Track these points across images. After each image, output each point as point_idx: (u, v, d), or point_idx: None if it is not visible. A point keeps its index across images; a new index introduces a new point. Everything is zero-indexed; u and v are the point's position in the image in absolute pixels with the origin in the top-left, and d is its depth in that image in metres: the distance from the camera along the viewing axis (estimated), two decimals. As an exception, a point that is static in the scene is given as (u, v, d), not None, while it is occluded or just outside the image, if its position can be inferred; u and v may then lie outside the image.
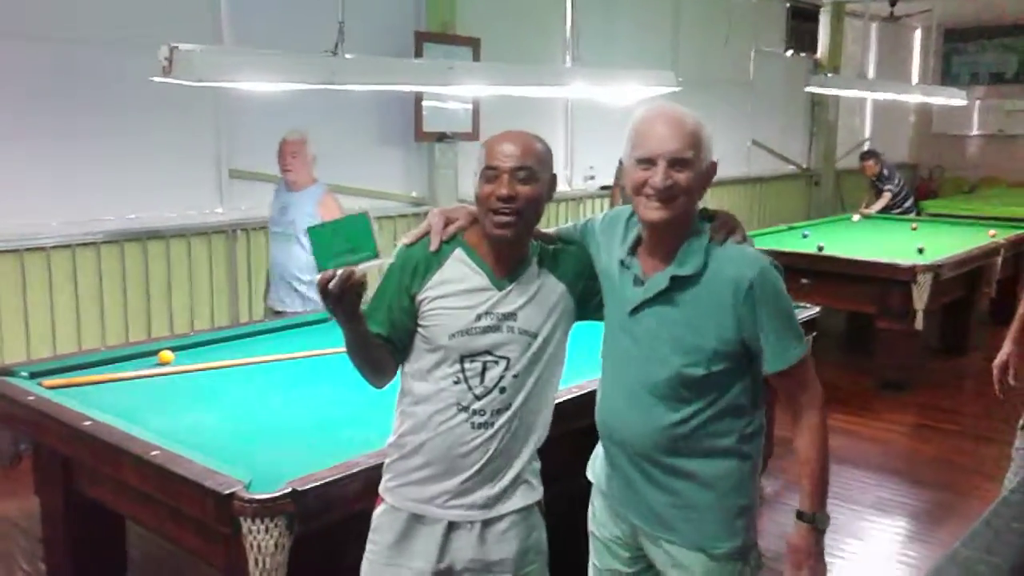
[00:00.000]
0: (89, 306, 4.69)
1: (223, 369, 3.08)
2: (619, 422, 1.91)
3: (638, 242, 1.91)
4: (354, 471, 2.14)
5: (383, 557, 1.94)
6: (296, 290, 4.30)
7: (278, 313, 4.30)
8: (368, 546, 1.98)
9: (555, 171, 1.95)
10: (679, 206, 1.80)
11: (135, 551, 3.29)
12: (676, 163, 1.78)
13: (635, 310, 1.86)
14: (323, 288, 1.70)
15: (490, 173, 1.84)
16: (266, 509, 1.98)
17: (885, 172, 8.18)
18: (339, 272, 1.69)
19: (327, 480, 2.09)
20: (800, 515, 1.85)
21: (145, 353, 3.19)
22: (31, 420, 2.63)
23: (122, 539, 3.04)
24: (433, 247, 1.91)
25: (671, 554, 1.91)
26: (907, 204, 8.30)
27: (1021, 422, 3.06)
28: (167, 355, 3.13)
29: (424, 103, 6.05)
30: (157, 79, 2.50)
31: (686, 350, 1.81)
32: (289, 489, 2.01)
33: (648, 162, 1.79)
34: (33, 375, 2.87)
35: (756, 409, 1.90)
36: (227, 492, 2.01)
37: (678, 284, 1.82)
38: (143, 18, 4.69)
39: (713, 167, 1.86)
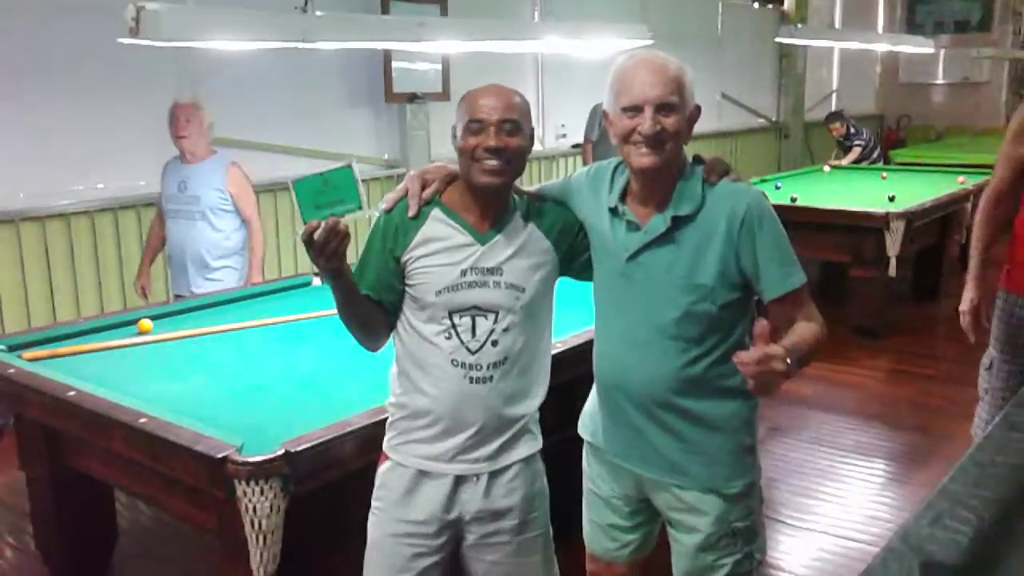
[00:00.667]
0: (61, 278, 4.62)
1: (205, 336, 3.05)
2: (627, 369, 1.91)
3: (626, 191, 1.91)
4: (347, 431, 2.13)
5: (390, 513, 1.95)
6: (206, 276, 3.90)
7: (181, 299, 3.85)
8: (374, 503, 1.98)
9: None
10: (668, 151, 1.81)
11: (124, 520, 3.29)
12: (662, 108, 1.79)
13: (635, 254, 1.87)
14: (308, 239, 1.71)
15: (475, 126, 1.83)
16: (260, 471, 1.96)
17: (852, 130, 8.25)
18: (324, 223, 1.69)
19: (321, 440, 2.08)
20: None
21: (124, 323, 3.15)
22: (12, 393, 2.59)
23: (111, 509, 3.02)
24: (411, 213, 1.90)
25: (683, 499, 1.93)
26: (875, 155, 8.38)
27: (985, 361, 3.12)
28: (146, 324, 3.10)
29: (394, 63, 5.97)
30: (124, 40, 2.44)
31: (692, 287, 1.82)
32: (283, 451, 2.00)
33: (634, 109, 1.80)
34: (11, 348, 2.83)
35: None
36: (220, 456, 2.00)
37: (678, 224, 1.83)
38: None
39: (697, 110, 1.87)
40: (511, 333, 1.90)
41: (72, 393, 2.41)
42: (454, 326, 1.87)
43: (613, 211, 1.91)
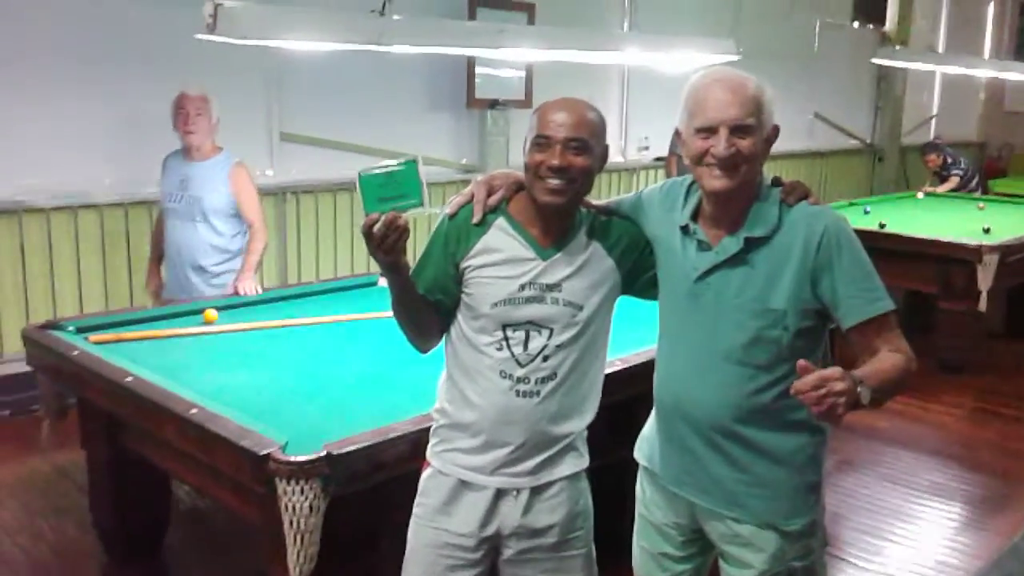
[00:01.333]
0: (119, 265, 4.74)
1: (267, 330, 3.08)
2: (690, 393, 1.84)
3: (698, 210, 1.85)
4: (391, 436, 2.12)
5: (429, 520, 1.92)
6: (208, 282, 3.70)
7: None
8: (415, 509, 1.96)
9: (608, 142, 1.89)
10: (742, 174, 1.73)
11: (182, 505, 3.35)
12: (738, 130, 1.71)
13: (705, 275, 1.80)
14: (367, 231, 1.69)
15: (542, 142, 1.79)
16: (301, 471, 1.96)
17: (949, 160, 7.94)
18: (383, 216, 1.68)
19: (364, 444, 2.07)
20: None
21: (190, 312, 3.21)
22: (75, 374, 2.66)
23: (167, 494, 3.07)
24: (476, 219, 1.87)
25: (738, 532, 1.85)
26: (973, 184, 8.05)
27: None
28: (211, 314, 3.15)
29: (477, 69, 5.98)
30: (201, 36, 2.48)
31: (763, 312, 1.74)
32: (324, 452, 1.99)
33: (708, 131, 1.73)
34: (80, 330, 2.90)
35: None
36: (263, 453, 2.01)
37: (751, 246, 1.76)
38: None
39: (775, 131, 1.78)
40: (564, 350, 1.85)
41: (129, 379, 2.46)
42: (507, 338, 1.84)
43: (684, 229, 1.85)
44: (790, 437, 1.81)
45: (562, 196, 1.79)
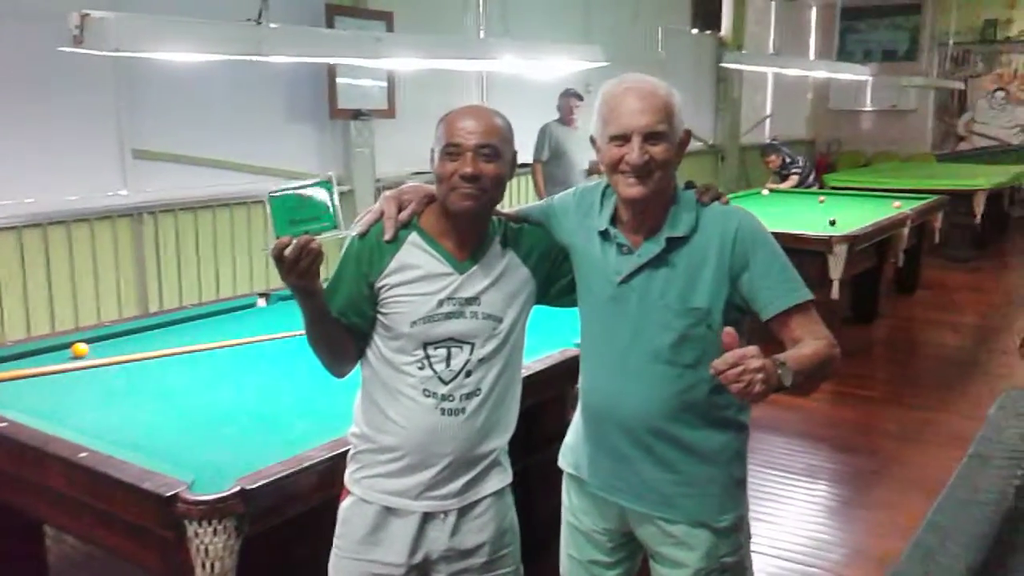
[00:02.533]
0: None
1: (145, 361, 2.89)
2: (618, 397, 1.84)
3: (615, 215, 1.86)
4: (306, 465, 2.01)
5: (352, 552, 1.85)
6: None
7: None
8: (336, 540, 1.88)
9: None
10: (656, 180, 1.76)
11: (53, 556, 3.09)
12: (651, 137, 1.73)
13: (628, 278, 1.81)
14: (278, 255, 1.62)
15: (452, 150, 1.75)
16: (214, 510, 1.83)
17: (787, 159, 8.40)
18: (295, 240, 1.62)
19: (278, 476, 1.95)
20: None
21: (56, 347, 2.97)
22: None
23: (41, 545, 2.83)
24: (387, 236, 1.81)
25: (670, 533, 1.87)
26: (811, 180, 8.54)
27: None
28: (81, 348, 2.92)
29: (338, 79, 5.86)
30: (66, 49, 2.30)
31: (687, 311, 1.77)
32: (238, 488, 1.87)
33: (622, 138, 1.75)
34: (-67, 374, 2.63)
35: None
36: (169, 494, 1.86)
37: (671, 246, 1.78)
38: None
39: (687, 135, 1.82)
40: (486, 364, 1.82)
41: (3, 424, 2.24)
42: (428, 356, 1.79)
43: (603, 234, 1.85)
44: (718, 434, 1.85)
45: (475, 201, 1.76)
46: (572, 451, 2.01)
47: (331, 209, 1.67)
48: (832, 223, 5.91)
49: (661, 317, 1.78)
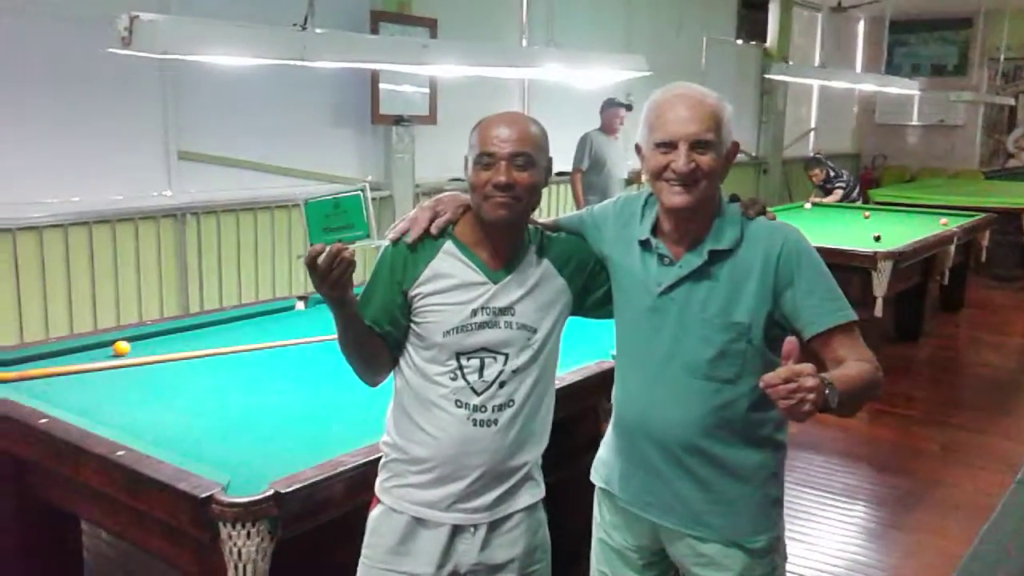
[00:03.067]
0: (31, 294, 4.44)
1: (185, 361, 2.91)
2: (653, 411, 1.82)
3: (656, 225, 1.83)
4: (340, 470, 2.01)
5: (381, 562, 1.83)
6: None
7: None
8: (364, 550, 1.87)
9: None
10: (702, 190, 1.73)
11: (89, 553, 3.13)
12: (698, 145, 1.71)
13: (668, 289, 1.78)
14: (311, 263, 1.61)
15: (486, 159, 1.73)
16: (248, 513, 1.83)
17: (832, 173, 8.28)
18: (328, 248, 1.62)
19: (313, 480, 1.95)
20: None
21: (99, 344, 3.00)
22: (-22, 417, 2.44)
23: (78, 542, 2.86)
24: (410, 239, 1.80)
25: (702, 552, 1.83)
26: (855, 194, 8.43)
27: None
28: (123, 346, 2.95)
29: (381, 86, 5.89)
30: (115, 51, 2.32)
31: (728, 325, 1.73)
32: (272, 491, 1.87)
33: (668, 146, 1.72)
34: (-22, 368, 2.68)
35: None
36: (204, 495, 1.87)
37: (714, 259, 1.75)
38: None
39: (735, 147, 1.80)
40: (520, 375, 1.80)
41: (44, 420, 2.27)
42: (461, 367, 1.77)
43: (644, 244, 1.83)
44: (754, 453, 1.81)
45: (510, 211, 1.74)
46: (604, 465, 1.98)
47: (365, 218, 1.66)
48: (877, 239, 5.82)
49: (701, 331, 1.75)
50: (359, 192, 1.67)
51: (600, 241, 1.92)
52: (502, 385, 1.79)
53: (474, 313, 1.77)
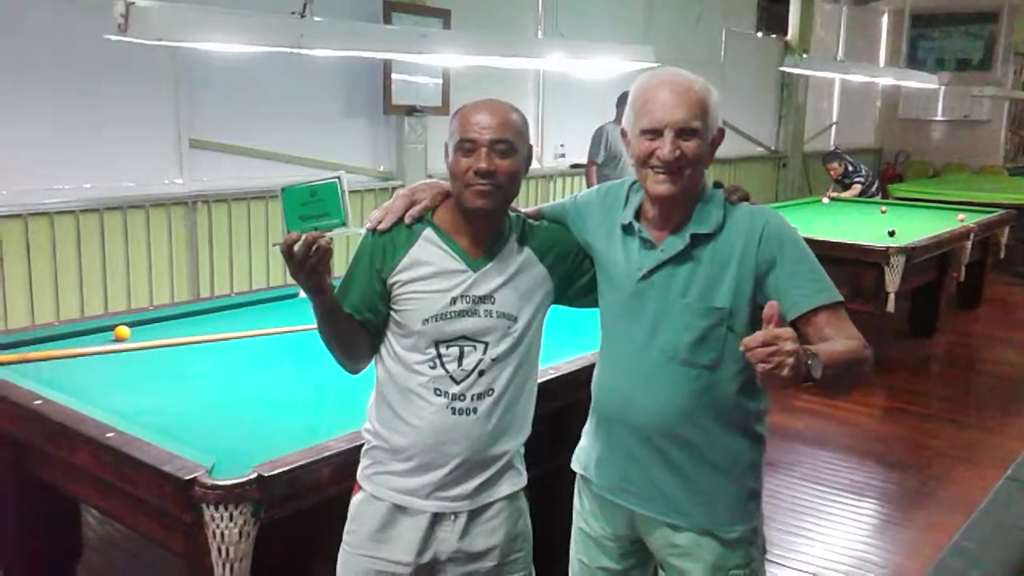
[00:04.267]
0: (43, 279, 4.49)
1: (184, 346, 2.94)
2: (632, 396, 1.81)
3: (640, 210, 1.83)
4: (325, 455, 2.01)
5: (361, 548, 1.84)
6: None
7: None
8: (345, 536, 1.87)
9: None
10: (687, 178, 1.72)
11: (90, 532, 3.17)
12: (683, 133, 1.70)
13: (650, 273, 1.77)
14: (288, 251, 1.61)
15: (466, 146, 1.73)
16: (230, 495, 1.85)
17: (850, 168, 8.19)
18: (304, 235, 1.62)
19: (296, 465, 1.96)
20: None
21: (100, 328, 3.04)
22: (-24, 398, 2.47)
23: (77, 522, 2.89)
24: (383, 226, 1.80)
25: (676, 542, 1.83)
26: (874, 189, 8.34)
27: None
28: (123, 331, 2.98)
29: (393, 75, 5.89)
30: (112, 37, 2.34)
31: (708, 310, 1.73)
32: (255, 475, 1.88)
33: (654, 132, 1.71)
34: (-19, 350, 2.71)
35: (764, 392, 1.82)
36: (188, 477, 1.88)
37: (696, 243, 1.74)
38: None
39: (721, 134, 1.78)
40: (500, 364, 1.80)
41: (39, 402, 2.30)
42: (439, 355, 1.77)
43: (627, 228, 1.82)
44: (732, 442, 1.80)
45: (491, 199, 1.74)
46: (583, 451, 1.98)
47: (342, 206, 1.66)
48: (891, 234, 5.77)
49: (681, 315, 1.75)
50: (335, 180, 1.66)
51: (584, 228, 1.91)
52: (481, 374, 1.78)
53: (453, 301, 1.76)
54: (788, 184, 10.69)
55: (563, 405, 2.49)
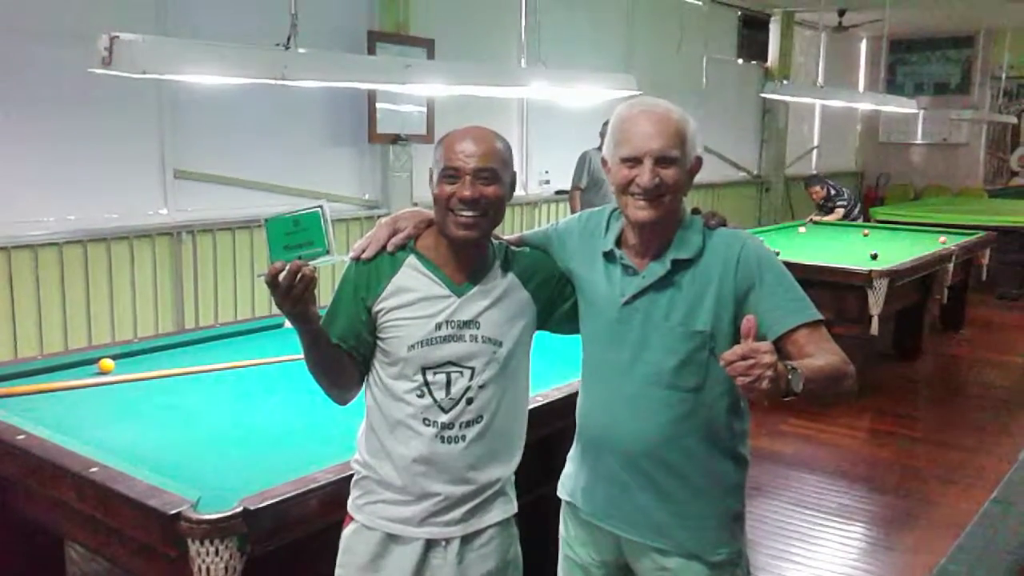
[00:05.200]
0: (26, 312, 4.47)
1: (168, 378, 2.92)
2: (617, 420, 1.82)
3: (621, 237, 1.85)
4: (312, 487, 2.00)
5: None
6: None
7: None
8: (337, 570, 1.86)
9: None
10: (666, 204, 1.75)
11: (74, 569, 3.13)
12: (662, 161, 1.73)
13: (632, 299, 1.79)
14: (272, 281, 1.62)
15: (451, 174, 1.74)
16: (216, 530, 1.83)
17: (832, 192, 8.25)
18: (288, 265, 1.62)
19: (283, 497, 1.95)
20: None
21: (84, 362, 3.01)
22: (-42, 434, 2.44)
23: (60, 559, 2.86)
24: (366, 255, 1.81)
25: (664, 565, 1.83)
26: (856, 212, 8.40)
27: None
28: (107, 363, 2.96)
29: (378, 104, 5.93)
30: (97, 71, 2.35)
31: (690, 334, 1.75)
32: (241, 508, 1.87)
33: (634, 160, 1.74)
34: (-38, 385, 2.69)
35: (746, 413, 1.87)
36: (173, 512, 1.87)
37: (677, 268, 1.77)
38: (83, 8, 4.48)
39: (698, 162, 1.82)
40: (487, 390, 1.80)
41: (21, 436, 2.28)
42: (427, 383, 1.77)
43: (608, 255, 1.85)
44: (715, 464, 1.82)
45: (475, 230, 1.76)
46: (569, 478, 1.99)
47: (324, 235, 1.66)
48: (874, 257, 5.81)
49: (664, 340, 1.77)
50: (317, 209, 1.67)
51: (565, 255, 1.94)
52: (470, 401, 1.79)
53: (438, 327, 1.77)
54: (771, 208, 10.78)
55: (551, 433, 2.49)
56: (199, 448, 2.38)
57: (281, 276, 1.61)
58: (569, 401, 2.64)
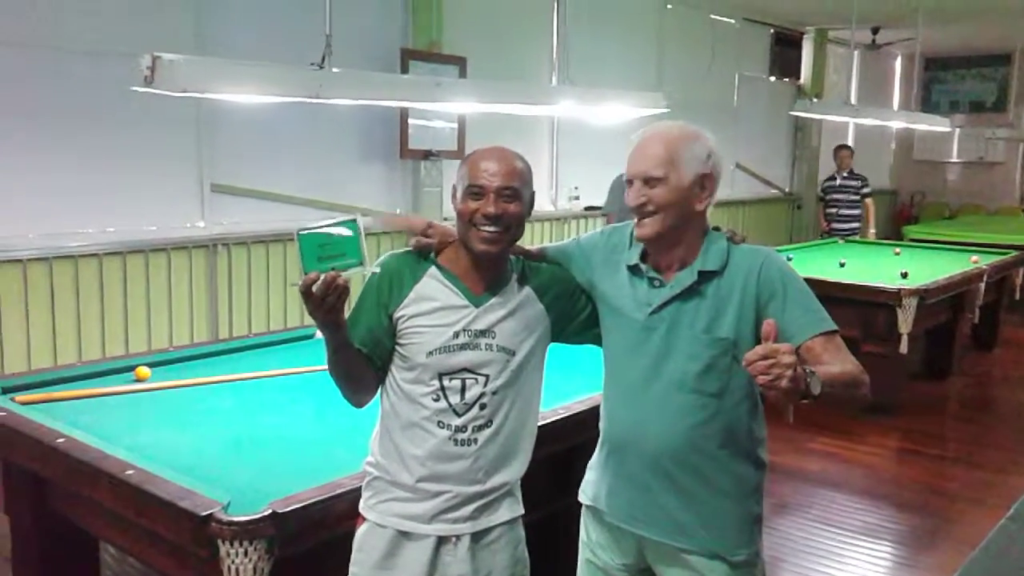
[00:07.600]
0: (66, 320, 4.60)
1: (202, 386, 3.01)
2: (641, 425, 1.89)
3: (645, 252, 1.94)
4: (338, 492, 2.07)
5: None
6: None
7: None
8: (351, 568, 1.93)
9: (538, 191, 1.99)
10: (658, 222, 1.85)
11: (108, 572, 3.21)
12: (649, 181, 1.84)
13: (659, 308, 1.87)
14: (306, 291, 1.68)
15: (475, 191, 1.84)
16: (245, 532, 1.90)
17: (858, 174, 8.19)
18: (323, 276, 1.68)
19: (310, 501, 2.02)
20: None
21: (121, 369, 3.11)
22: (2, 437, 2.54)
23: (95, 559, 2.94)
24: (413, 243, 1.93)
25: (688, 564, 1.90)
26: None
27: None
28: (144, 371, 3.05)
29: (410, 120, 6.02)
30: (138, 89, 2.44)
31: (713, 341, 1.83)
32: (270, 511, 1.94)
33: (629, 182, 1.87)
34: (5, 390, 2.78)
35: (763, 420, 1.95)
36: (204, 514, 1.94)
37: (703, 279, 1.86)
38: (125, 28, 4.63)
39: (699, 179, 1.87)
40: (499, 396, 1.88)
41: (61, 440, 2.36)
42: (443, 388, 1.86)
43: (633, 269, 1.93)
44: (737, 466, 1.89)
45: (497, 244, 1.85)
46: (591, 484, 2.05)
47: (358, 246, 1.72)
48: (904, 275, 5.79)
49: (688, 346, 1.84)
50: (353, 221, 1.73)
51: (589, 268, 2.02)
52: (483, 407, 1.87)
53: (456, 335, 1.85)
54: (802, 226, 10.73)
55: (573, 445, 2.53)
56: (230, 453, 2.46)
57: (315, 286, 1.68)
58: (592, 414, 2.69)
